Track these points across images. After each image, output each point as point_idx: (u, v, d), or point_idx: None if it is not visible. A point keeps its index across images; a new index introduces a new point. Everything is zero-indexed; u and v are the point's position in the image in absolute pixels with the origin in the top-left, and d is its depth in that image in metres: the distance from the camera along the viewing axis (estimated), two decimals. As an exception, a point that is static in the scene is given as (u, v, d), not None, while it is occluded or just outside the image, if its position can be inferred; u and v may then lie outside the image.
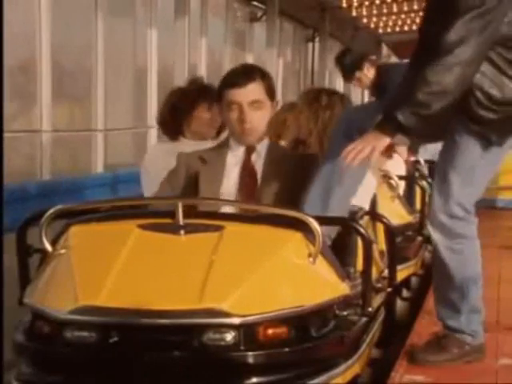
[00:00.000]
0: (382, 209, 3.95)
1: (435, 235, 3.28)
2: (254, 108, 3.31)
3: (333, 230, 3.14)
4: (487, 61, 3.06)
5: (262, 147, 3.39)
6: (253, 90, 3.30)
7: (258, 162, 3.37)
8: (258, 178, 3.33)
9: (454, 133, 3.20)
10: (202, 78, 4.46)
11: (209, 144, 4.15)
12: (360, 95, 19.63)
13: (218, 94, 3.39)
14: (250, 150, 3.39)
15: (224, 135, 4.34)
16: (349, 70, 6.59)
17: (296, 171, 3.31)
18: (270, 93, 3.36)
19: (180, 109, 4.11)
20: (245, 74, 3.36)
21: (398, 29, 17.50)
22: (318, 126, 3.86)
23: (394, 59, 23.25)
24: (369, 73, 6.48)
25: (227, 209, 3.21)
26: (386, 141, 3.04)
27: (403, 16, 16.64)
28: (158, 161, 4.12)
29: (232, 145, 3.42)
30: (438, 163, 3.35)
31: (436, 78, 2.97)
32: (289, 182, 3.28)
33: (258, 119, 3.32)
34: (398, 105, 3.01)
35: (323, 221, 2.89)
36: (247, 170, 3.36)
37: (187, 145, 4.12)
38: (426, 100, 2.98)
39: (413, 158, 6.08)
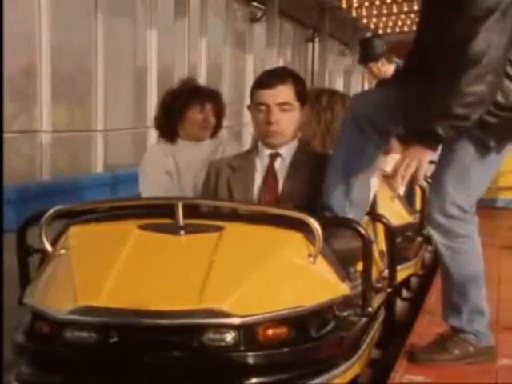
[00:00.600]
0: (381, 209, 3.94)
1: (435, 235, 3.30)
2: (282, 110, 3.28)
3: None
4: None
5: (288, 152, 3.35)
6: (282, 92, 3.28)
7: (282, 168, 3.34)
8: (280, 185, 3.31)
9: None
10: (195, 79, 4.46)
11: (206, 144, 4.15)
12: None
13: (250, 95, 3.38)
14: (274, 156, 3.36)
15: (223, 134, 4.34)
16: (366, 56, 6.69)
17: (322, 174, 3.27)
18: (301, 97, 3.33)
19: (173, 110, 4.11)
20: (276, 75, 3.36)
21: (397, 29, 17.49)
22: (321, 127, 3.84)
23: (393, 59, 23.24)
24: (382, 67, 6.53)
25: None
26: (428, 153, 3.06)
27: (403, 16, 16.64)
28: (156, 162, 4.13)
29: (259, 149, 3.39)
30: (436, 165, 3.36)
31: (470, 89, 2.95)
32: (311, 186, 3.26)
33: (285, 121, 3.29)
34: (436, 119, 2.99)
35: (324, 221, 2.89)
36: (269, 177, 3.33)
37: (184, 146, 4.12)
38: (463, 113, 2.97)
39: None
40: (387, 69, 6.61)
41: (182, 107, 4.10)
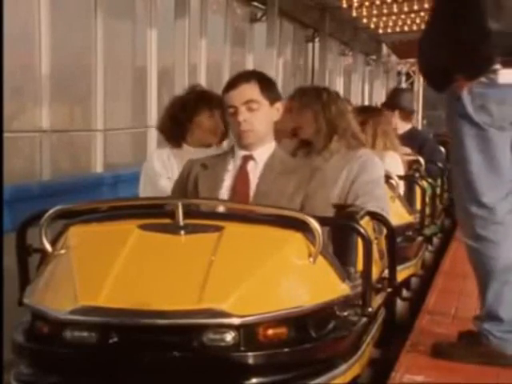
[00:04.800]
0: (382, 209, 3.93)
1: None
2: (249, 109, 3.25)
3: None
4: None
5: (262, 155, 3.32)
6: (246, 91, 3.26)
7: (255, 170, 3.30)
8: (252, 188, 3.28)
9: None
10: (200, 85, 4.48)
11: (212, 151, 4.14)
12: (360, 94, 19.63)
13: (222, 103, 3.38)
14: (247, 158, 3.32)
15: (226, 142, 4.35)
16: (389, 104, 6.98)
17: (300, 182, 3.26)
18: (269, 95, 3.30)
19: (180, 118, 4.13)
20: (239, 76, 3.36)
21: (398, 29, 17.47)
22: (324, 123, 3.83)
23: (393, 59, 23.26)
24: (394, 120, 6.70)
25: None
26: None
27: (403, 16, 16.61)
28: (158, 166, 4.14)
29: (235, 151, 3.37)
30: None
31: None
32: (286, 192, 3.24)
33: (255, 120, 3.25)
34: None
35: (323, 221, 2.89)
36: (241, 178, 3.30)
37: (189, 151, 4.12)
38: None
39: (411, 157, 6.10)
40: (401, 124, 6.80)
41: (190, 115, 4.12)
